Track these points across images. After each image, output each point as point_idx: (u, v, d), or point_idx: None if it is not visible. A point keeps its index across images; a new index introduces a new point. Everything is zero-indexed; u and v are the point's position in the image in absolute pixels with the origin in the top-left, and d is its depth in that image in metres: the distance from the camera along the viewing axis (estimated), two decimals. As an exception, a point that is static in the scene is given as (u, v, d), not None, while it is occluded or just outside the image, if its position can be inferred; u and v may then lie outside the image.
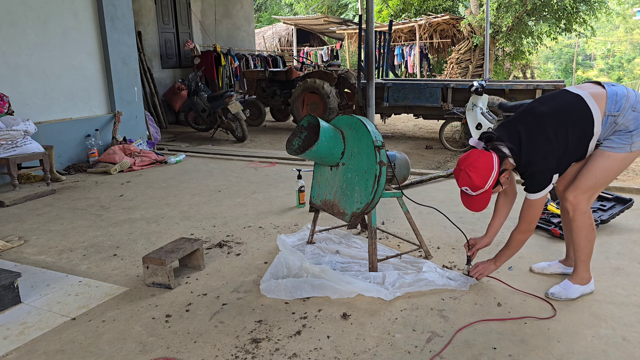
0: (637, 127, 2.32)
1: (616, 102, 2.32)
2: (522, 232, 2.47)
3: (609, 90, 2.36)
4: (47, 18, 5.73)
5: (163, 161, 6.20)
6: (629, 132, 2.33)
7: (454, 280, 2.64)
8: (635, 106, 2.33)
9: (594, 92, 2.36)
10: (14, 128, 4.80)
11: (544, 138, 2.29)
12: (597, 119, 2.31)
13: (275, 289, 2.53)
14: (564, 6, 14.03)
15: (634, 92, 2.37)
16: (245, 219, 3.88)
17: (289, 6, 28.45)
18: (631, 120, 2.31)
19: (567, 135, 2.30)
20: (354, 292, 2.49)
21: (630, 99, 2.32)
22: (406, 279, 2.59)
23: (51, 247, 3.40)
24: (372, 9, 5.01)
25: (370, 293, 2.48)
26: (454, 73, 14.96)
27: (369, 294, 2.48)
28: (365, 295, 2.49)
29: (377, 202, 2.72)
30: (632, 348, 2.04)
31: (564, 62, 37.42)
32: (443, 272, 2.73)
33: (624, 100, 2.32)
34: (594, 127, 2.32)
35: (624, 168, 2.44)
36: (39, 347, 2.15)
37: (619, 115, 2.31)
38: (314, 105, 8.85)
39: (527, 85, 7.46)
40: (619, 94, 2.34)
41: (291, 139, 2.85)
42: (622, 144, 2.35)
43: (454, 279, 2.65)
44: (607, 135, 2.38)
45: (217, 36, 11.61)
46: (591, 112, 2.31)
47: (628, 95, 2.34)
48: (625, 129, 2.33)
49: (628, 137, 2.34)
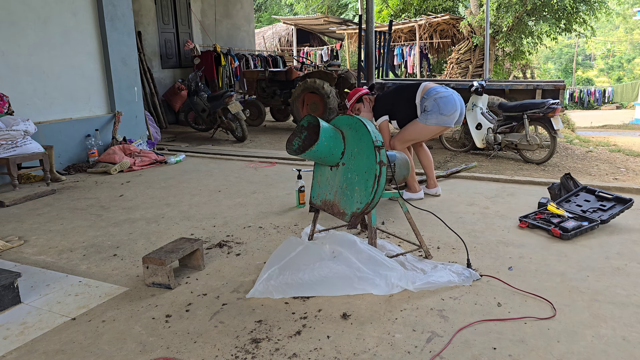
0: (431, 110, 4.00)
1: (429, 93, 4.03)
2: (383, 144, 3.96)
3: (432, 87, 4.08)
4: (47, 18, 5.73)
5: (163, 161, 6.20)
6: (426, 112, 4.04)
7: (457, 274, 2.66)
8: (436, 98, 3.99)
9: (427, 84, 4.13)
10: (14, 128, 4.81)
11: (387, 96, 4.29)
12: (418, 95, 4.09)
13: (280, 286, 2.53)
14: (564, 6, 14.03)
15: (443, 91, 4.03)
16: (245, 219, 3.88)
17: (289, 6, 28.45)
18: (428, 106, 4.02)
19: (400, 99, 4.19)
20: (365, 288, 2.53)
21: (437, 94, 4.01)
22: (414, 278, 2.62)
23: (51, 247, 3.40)
24: (372, 9, 5.02)
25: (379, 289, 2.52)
26: (454, 73, 14.96)
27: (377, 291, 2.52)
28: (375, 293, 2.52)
29: (377, 202, 2.72)
30: (632, 348, 2.04)
31: (564, 62, 37.43)
32: (444, 265, 2.76)
33: (432, 92, 4.02)
34: (415, 99, 4.10)
35: (423, 132, 4.10)
36: (39, 347, 2.15)
37: (426, 99, 4.03)
38: (314, 105, 8.84)
39: (527, 85, 7.46)
40: (434, 90, 4.03)
41: (291, 139, 2.85)
42: (422, 118, 4.06)
43: (457, 272, 2.68)
44: (420, 110, 4.08)
45: (217, 36, 11.61)
46: (417, 91, 4.10)
47: (438, 91, 4.02)
48: (424, 109, 4.05)
49: (424, 115, 4.06)
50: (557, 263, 2.88)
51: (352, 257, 2.59)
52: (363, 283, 2.54)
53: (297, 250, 2.66)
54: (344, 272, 2.55)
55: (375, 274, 2.56)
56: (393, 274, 2.57)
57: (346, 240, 2.68)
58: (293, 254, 2.63)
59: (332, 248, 2.66)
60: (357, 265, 2.57)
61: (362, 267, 2.57)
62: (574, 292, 2.52)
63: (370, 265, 2.59)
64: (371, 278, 2.55)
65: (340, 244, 2.67)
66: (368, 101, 4.25)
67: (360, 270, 2.56)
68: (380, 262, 2.60)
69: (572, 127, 13.07)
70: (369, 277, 2.55)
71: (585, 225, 3.32)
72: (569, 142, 8.56)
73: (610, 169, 6.29)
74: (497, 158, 6.81)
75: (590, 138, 10.58)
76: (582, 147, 8.06)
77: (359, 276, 2.54)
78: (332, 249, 2.65)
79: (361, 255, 2.60)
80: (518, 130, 6.50)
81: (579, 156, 7.21)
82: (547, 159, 6.40)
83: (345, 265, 2.57)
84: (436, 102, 3.99)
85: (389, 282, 2.55)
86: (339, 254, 2.61)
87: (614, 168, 6.38)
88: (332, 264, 2.58)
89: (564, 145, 8.05)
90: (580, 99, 25.24)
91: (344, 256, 2.60)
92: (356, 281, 2.54)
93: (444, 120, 4.02)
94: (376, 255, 2.62)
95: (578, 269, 2.80)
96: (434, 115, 4.00)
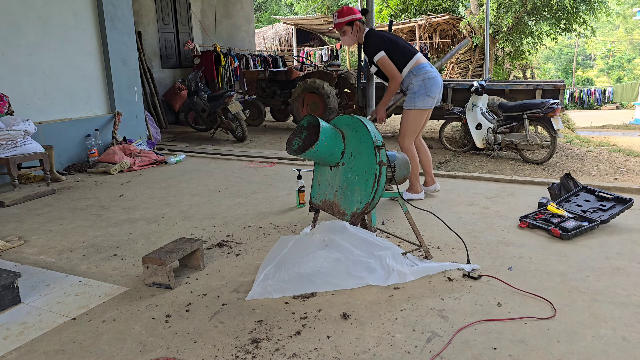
0: (417, 90, 3.86)
1: (419, 70, 3.87)
2: (391, 80, 3.90)
3: (423, 64, 3.91)
4: (47, 18, 5.73)
5: (163, 161, 6.20)
6: (413, 93, 3.91)
7: (457, 264, 2.74)
8: (425, 78, 3.84)
9: (420, 58, 3.94)
10: (14, 128, 4.81)
11: (382, 36, 3.95)
12: (410, 63, 3.90)
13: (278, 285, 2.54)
14: (564, 6, 14.04)
15: (431, 71, 3.90)
16: (245, 219, 3.88)
17: (289, 6, 28.46)
18: (415, 85, 3.88)
19: (397, 45, 3.93)
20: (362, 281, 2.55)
21: (426, 74, 3.87)
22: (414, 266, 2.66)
23: (51, 247, 3.40)
24: (372, 9, 5.02)
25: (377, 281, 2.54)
26: (454, 73, 14.96)
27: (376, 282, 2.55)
28: (373, 284, 2.55)
29: (377, 202, 2.72)
30: (632, 348, 2.04)
31: (564, 62, 37.43)
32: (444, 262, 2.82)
33: (422, 71, 3.86)
34: (409, 56, 3.92)
35: (417, 119, 4.00)
36: (39, 347, 2.15)
37: (414, 75, 3.87)
38: (314, 105, 8.84)
39: (527, 85, 7.46)
40: (423, 69, 3.87)
41: (291, 139, 2.85)
42: (410, 103, 3.94)
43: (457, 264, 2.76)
44: (405, 85, 3.95)
45: (217, 36, 11.61)
46: (411, 58, 3.91)
47: (427, 70, 3.87)
48: (410, 88, 3.91)
49: (411, 97, 3.93)
50: (557, 263, 2.88)
51: (344, 243, 2.58)
52: (358, 267, 2.53)
53: (289, 245, 2.64)
54: (338, 258, 2.54)
55: (369, 255, 2.56)
56: (387, 253, 2.57)
57: (335, 226, 2.67)
58: (285, 250, 2.62)
59: (323, 236, 2.64)
60: (350, 249, 2.56)
61: (355, 250, 2.56)
62: (574, 292, 2.52)
63: (363, 247, 2.58)
64: (365, 260, 2.54)
65: (330, 231, 2.65)
66: (357, 29, 3.96)
67: (353, 253, 2.55)
68: (373, 242, 2.60)
69: (572, 127, 13.08)
70: (363, 260, 2.54)
71: (585, 225, 3.32)
72: (569, 142, 8.56)
73: (610, 169, 6.30)
74: (497, 158, 6.81)
75: (590, 138, 10.58)
76: (582, 147, 8.07)
77: (353, 260, 2.54)
78: (322, 238, 2.64)
79: (352, 238, 2.60)
80: (518, 130, 6.50)
81: (579, 156, 7.22)
82: (547, 159, 6.40)
83: (339, 252, 2.56)
84: (424, 82, 3.87)
85: (383, 263, 2.54)
86: (330, 241, 2.60)
87: (614, 168, 6.38)
88: (325, 253, 2.56)
89: (564, 145, 8.05)
90: (580, 99, 25.25)
91: (335, 243, 2.59)
92: (351, 266, 2.53)
93: (429, 102, 3.95)
94: (367, 236, 2.62)
95: (578, 269, 2.80)
96: (420, 98, 3.90)
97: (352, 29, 3.95)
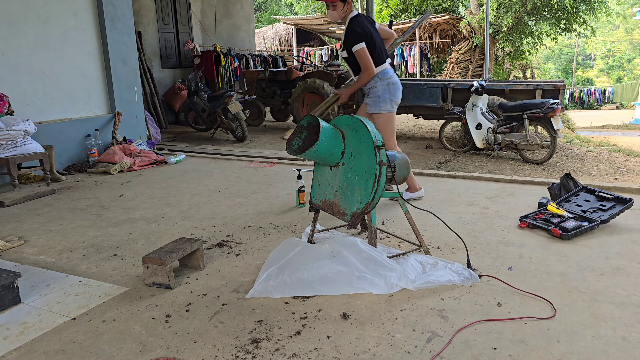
0: (382, 95, 3.90)
1: (384, 74, 3.91)
2: (364, 72, 3.84)
3: (388, 69, 3.94)
4: (47, 18, 5.73)
5: (163, 161, 6.20)
6: (378, 97, 3.93)
7: (457, 274, 2.67)
8: (389, 83, 3.89)
9: (388, 63, 3.96)
10: (14, 128, 4.81)
11: (366, 26, 3.85)
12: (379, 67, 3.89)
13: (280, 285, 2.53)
14: (564, 6, 14.04)
15: (394, 76, 3.94)
16: (245, 219, 3.88)
17: (289, 6, 28.46)
18: (379, 90, 3.91)
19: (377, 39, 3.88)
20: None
21: (390, 79, 3.90)
22: (412, 277, 2.62)
23: (51, 247, 3.40)
24: (372, 9, 5.02)
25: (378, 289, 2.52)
26: (454, 73, 14.97)
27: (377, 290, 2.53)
28: (373, 292, 2.52)
29: (377, 202, 2.72)
30: (632, 348, 2.04)
31: (564, 62, 37.44)
32: (444, 263, 2.77)
33: (387, 75, 3.91)
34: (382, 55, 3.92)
35: (389, 122, 4.00)
36: (39, 347, 2.15)
37: (379, 80, 3.89)
38: (314, 105, 8.84)
39: (527, 85, 7.46)
40: (388, 73, 3.91)
41: (291, 139, 2.85)
42: (374, 107, 3.97)
43: (457, 272, 2.68)
44: (366, 89, 3.99)
45: (217, 36, 11.61)
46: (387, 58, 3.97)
47: (390, 75, 3.91)
48: (374, 92, 3.95)
49: (375, 103, 3.95)
50: (557, 263, 2.88)
51: (352, 257, 2.59)
52: (362, 282, 2.54)
53: (296, 250, 2.66)
54: (342, 271, 2.55)
55: (374, 274, 2.56)
56: (393, 274, 2.57)
57: (347, 241, 2.68)
58: (292, 254, 2.63)
59: (332, 247, 2.66)
60: (356, 265, 2.57)
61: (361, 267, 2.56)
62: (574, 292, 2.52)
63: (369, 265, 2.58)
64: (370, 278, 2.55)
65: (341, 244, 2.67)
66: (348, 7, 3.87)
67: (359, 270, 2.56)
68: (381, 262, 2.60)
69: (572, 127, 13.08)
70: (368, 277, 2.55)
71: (585, 225, 3.32)
72: (569, 142, 8.56)
73: (610, 169, 6.30)
74: (497, 158, 6.81)
75: (590, 138, 10.58)
76: (582, 147, 8.07)
77: (358, 275, 2.54)
78: (331, 249, 2.65)
79: (361, 255, 2.60)
80: (518, 130, 6.51)
81: (579, 156, 7.22)
82: (547, 159, 6.40)
83: (344, 265, 2.57)
84: (389, 87, 3.91)
85: (388, 282, 2.55)
86: (337, 253, 2.61)
87: (614, 168, 6.39)
88: (331, 263, 2.57)
89: (564, 145, 8.05)
90: (580, 99, 25.26)
91: (342, 255, 2.60)
92: (355, 280, 2.54)
93: (393, 107, 4.00)
94: (376, 255, 2.62)
95: (578, 269, 2.80)
96: (384, 102, 3.94)
97: (345, 6, 3.89)
